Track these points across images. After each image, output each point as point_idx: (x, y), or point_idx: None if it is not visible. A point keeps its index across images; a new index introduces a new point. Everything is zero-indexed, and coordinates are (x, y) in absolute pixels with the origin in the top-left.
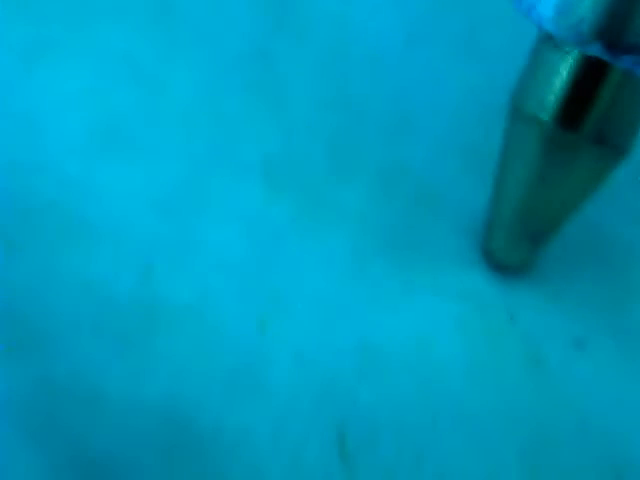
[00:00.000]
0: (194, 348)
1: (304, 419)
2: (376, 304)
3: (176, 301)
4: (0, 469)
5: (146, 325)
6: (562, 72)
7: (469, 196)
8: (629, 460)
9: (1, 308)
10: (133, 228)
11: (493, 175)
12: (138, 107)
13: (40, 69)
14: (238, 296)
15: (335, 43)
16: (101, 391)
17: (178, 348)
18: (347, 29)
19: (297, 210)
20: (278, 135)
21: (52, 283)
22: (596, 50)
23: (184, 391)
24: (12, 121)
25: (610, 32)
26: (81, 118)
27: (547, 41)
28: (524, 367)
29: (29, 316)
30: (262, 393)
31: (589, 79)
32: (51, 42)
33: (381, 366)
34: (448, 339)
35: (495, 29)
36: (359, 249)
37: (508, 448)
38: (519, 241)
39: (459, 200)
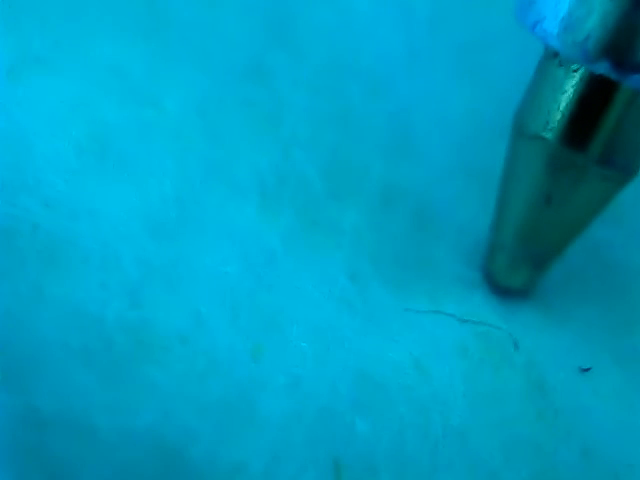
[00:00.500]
0: (185, 376)
1: (299, 451)
2: (374, 329)
3: (167, 327)
4: None
5: (136, 352)
6: (568, 90)
7: (471, 218)
8: None
9: None
10: (123, 250)
11: (495, 196)
12: (129, 123)
13: (25, 83)
14: (231, 321)
15: (334, 59)
16: (89, 421)
17: (169, 376)
18: (346, 44)
19: (293, 231)
20: (274, 153)
21: (37, 308)
22: (603, 68)
23: (175, 421)
24: None
25: (618, 50)
26: (69, 135)
27: (553, 58)
28: (527, 395)
29: (12, 343)
30: (256, 423)
31: (596, 98)
32: (37, 56)
33: (378, 395)
34: (448, 366)
35: (500, 45)
36: (356, 272)
37: (510, 478)
38: (522, 264)
39: (460, 222)
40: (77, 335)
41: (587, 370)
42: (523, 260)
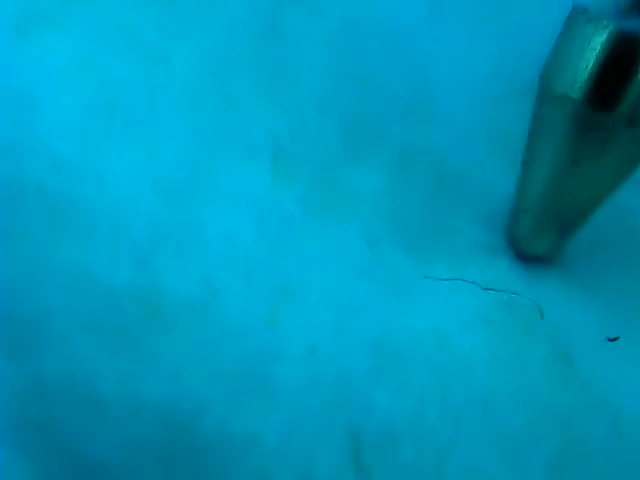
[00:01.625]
0: (197, 344)
1: (316, 422)
2: (393, 296)
3: (178, 293)
4: None
5: (145, 320)
6: (596, 47)
7: (494, 180)
8: None
9: None
10: (132, 213)
11: (520, 158)
12: (139, 83)
13: (32, 43)
14: (245, 287)
15: (350, 14)
16: (96, 392)
17: (180, 345)
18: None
19: (309, 194)
20: (289, 114)
21: (44, 274)
22: (634, 24)
23: (186, 392)
24: (1, 98)
25: None
26: (77, 95)
27: (581, 13)
28: (553, 364)
29: (18, 310)
30: (271, 394)
31: (626, 55)
32: (44, 13)
33: (399, 364)
34: (470, 335)
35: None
36: (375, 237)
37: (536, 451)
38: (546, 229)
39: (483, 185)
40: (84, 302)
41: (615, 339)
42: (548, 225)
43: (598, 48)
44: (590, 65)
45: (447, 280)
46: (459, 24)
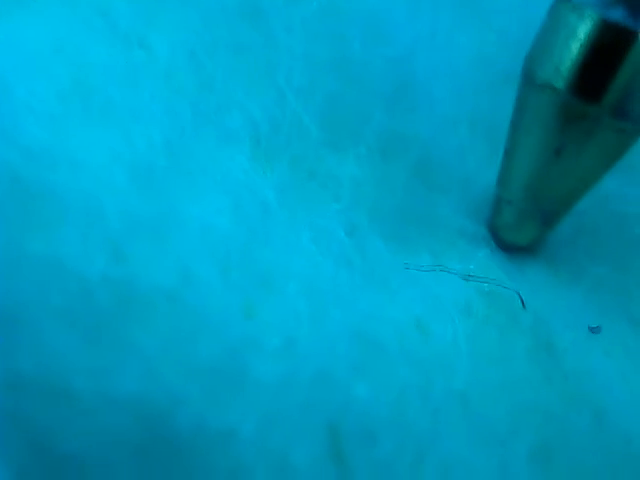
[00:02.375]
0: (172, 337)
1: (293, 416)
2: (373, 287)
3: (153, 283)
4: None
5: (119, 311)
6: (580, 36)
7: (476, 170)
8: None
9: None
10: (107, 201)
11: (503, 147)
12: (114, 67)
13: (4, 24)
14: (222, 277)
15: (332, 0)
16: (69, 385)
17: (154, 337)
18: None
19: (287, 182)
20: (268, 101)
21: (15, 264)
22: (618, 14)
23: (161, 385)
24: None
25: None
26: (51, 78)
27: (566, 1)
28: (535, 356)
29: None
30: (247, 387)
31: (610, 46)
32: None
33: (378, 357)
34: (452, 326)
35: None
36: (355, 226)
37: (517, 443)
38: (529, 219)
39: (465, 174)
40: (57, 293)
41: (597, 331)
42: (531, 215)
43: (582, 38)
44: (574, 55)
45: (428, 269)
46: (441, 10)
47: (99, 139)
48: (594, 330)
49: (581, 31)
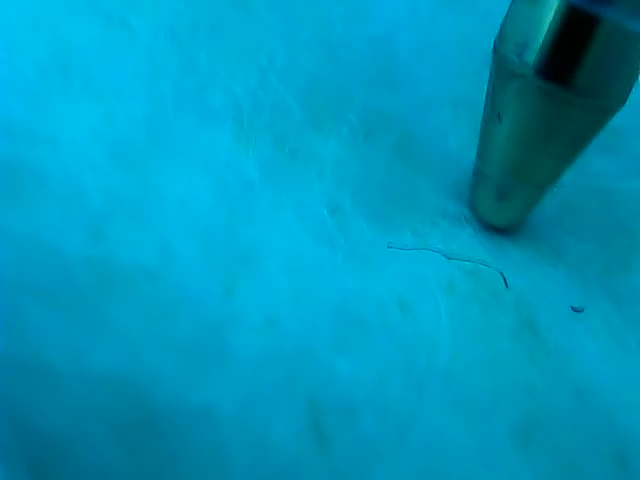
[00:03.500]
0: (152, 314)
1: (274, 393)
2: (355, 265)
3: (132, 262)
4: None
5: (98, 289)
6: (546, 19)
7: (458, 149)
8: (631, 438)
9: None
10: (87, 179)
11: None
12: (96, 43)
13: None
14: (203, 255)
15: None
16: (47, 362)
17: (134, 314)
18: None
19: (269, 161)
20: (250, 80)
21: None
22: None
23: (140, 362)
24: None
25: None
26: (30, 55)
27: None
28: (517, 335)
29: None
30: (227, 364)
31: (576, 29)
32: None
33: (360, 334)
34: (434, 304)
35: None
36: (337, 205)
37: (500, 420)
38: (509, 198)
39: (447, 153)
40: (35, 271)
41: (580, 310)
42: (511, 194)
43: (547, 21)
44: (541, 38)
45: (410, 248)
46: None
47: (80, 116)
48: (577, 309)
49: (546, 15)
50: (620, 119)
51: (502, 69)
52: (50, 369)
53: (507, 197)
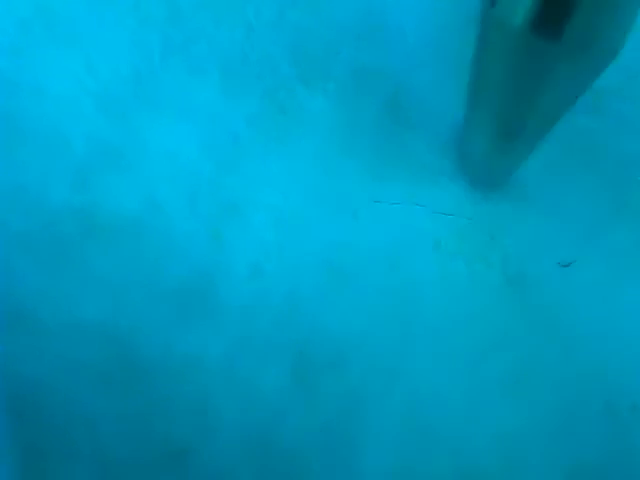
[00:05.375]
0: (137, 262)
1: (260, 344)
2: (343, 218)
3: (117, 211)
4: None
5: (83, 238)
6: None
7: (447, 105)
8: (619, 388)
9: None
10: (72, 128)
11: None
12: None
13: None
14: (189, 204)
15: None
16: (32, 312)
17: (120, 263)
18: None
19: (257, 114)
20: (237, 33)
21: None
22: None
23: (126, 312)
24: None
25: None
26: (12, 5)
27: None
28: (505, 290)
29: None
30: (213, 315)
31: None
32: None
33: (347, 285)
34: (421, 259)
35: None
36: (325, 158)
37: (486, 373)
38: (498, 152)
39: (436, 109)
40: (17, 219)
41: (568, 265)
42: (499, 150)
43: None
44: None
45: (398, 203)
46: None
47: (63, 67)
48: (564, 265)
49: None
50: (604, 79)
51: (491, 22)
52: (34, 317)
53: (495, 153)
